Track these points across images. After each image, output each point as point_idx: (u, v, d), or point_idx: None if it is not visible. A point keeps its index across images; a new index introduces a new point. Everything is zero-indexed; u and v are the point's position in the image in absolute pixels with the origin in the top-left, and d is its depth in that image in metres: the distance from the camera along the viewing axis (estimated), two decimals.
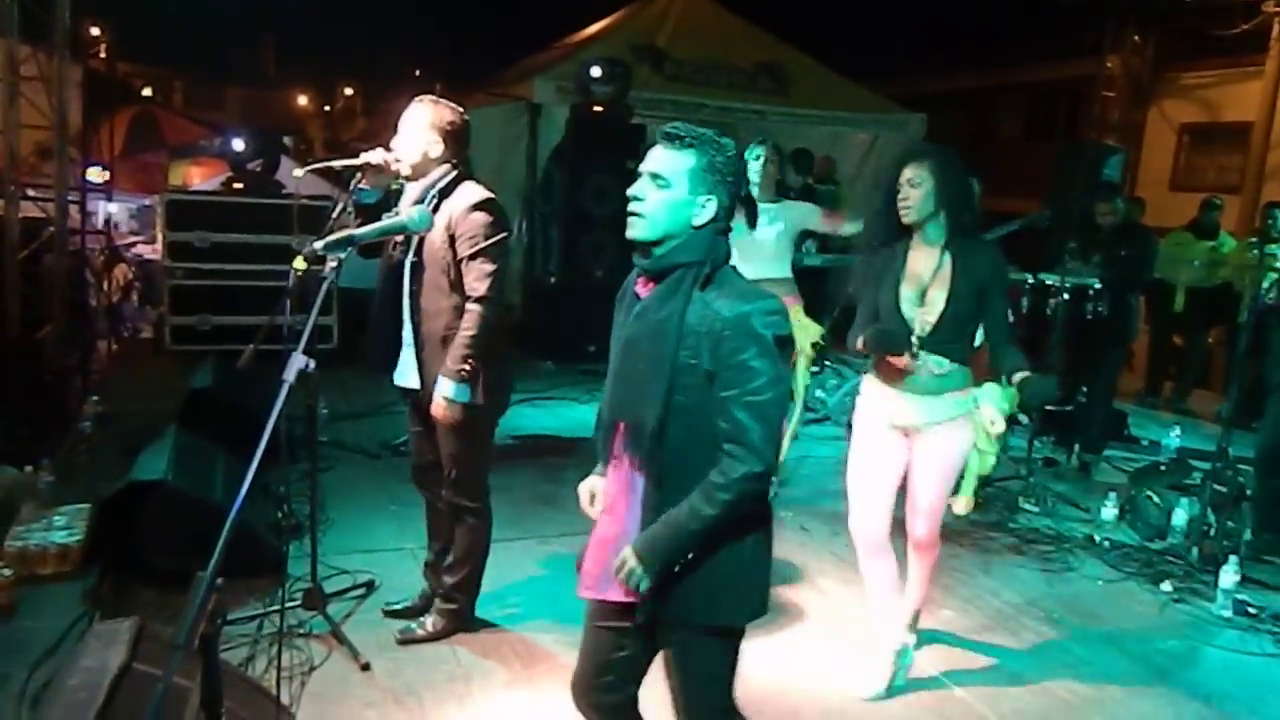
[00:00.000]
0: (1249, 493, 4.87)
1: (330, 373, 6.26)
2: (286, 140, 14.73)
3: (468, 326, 3.08)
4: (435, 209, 3.08)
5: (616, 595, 2.07)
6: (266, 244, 6.80)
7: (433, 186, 3.15)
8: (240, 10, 22.21)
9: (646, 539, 1.99)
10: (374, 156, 3.36)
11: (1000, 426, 3.13)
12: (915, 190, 3.05)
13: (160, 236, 7.17)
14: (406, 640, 3.45)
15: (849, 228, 4.95)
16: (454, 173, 3.17)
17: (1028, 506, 5.31)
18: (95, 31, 8.66)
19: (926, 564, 3.44)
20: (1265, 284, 5.01)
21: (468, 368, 3.08)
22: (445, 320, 3.17)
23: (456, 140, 3.18)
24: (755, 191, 4.57)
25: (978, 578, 4.41)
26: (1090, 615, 4.13)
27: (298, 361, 1.81)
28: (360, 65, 27.98)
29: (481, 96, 10.41)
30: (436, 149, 3.14)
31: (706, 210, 2.02)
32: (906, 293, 3.12)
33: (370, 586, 3.84)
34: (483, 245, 3.08)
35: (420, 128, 3.13)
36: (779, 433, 1.98)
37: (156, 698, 1.51)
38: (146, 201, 10.60)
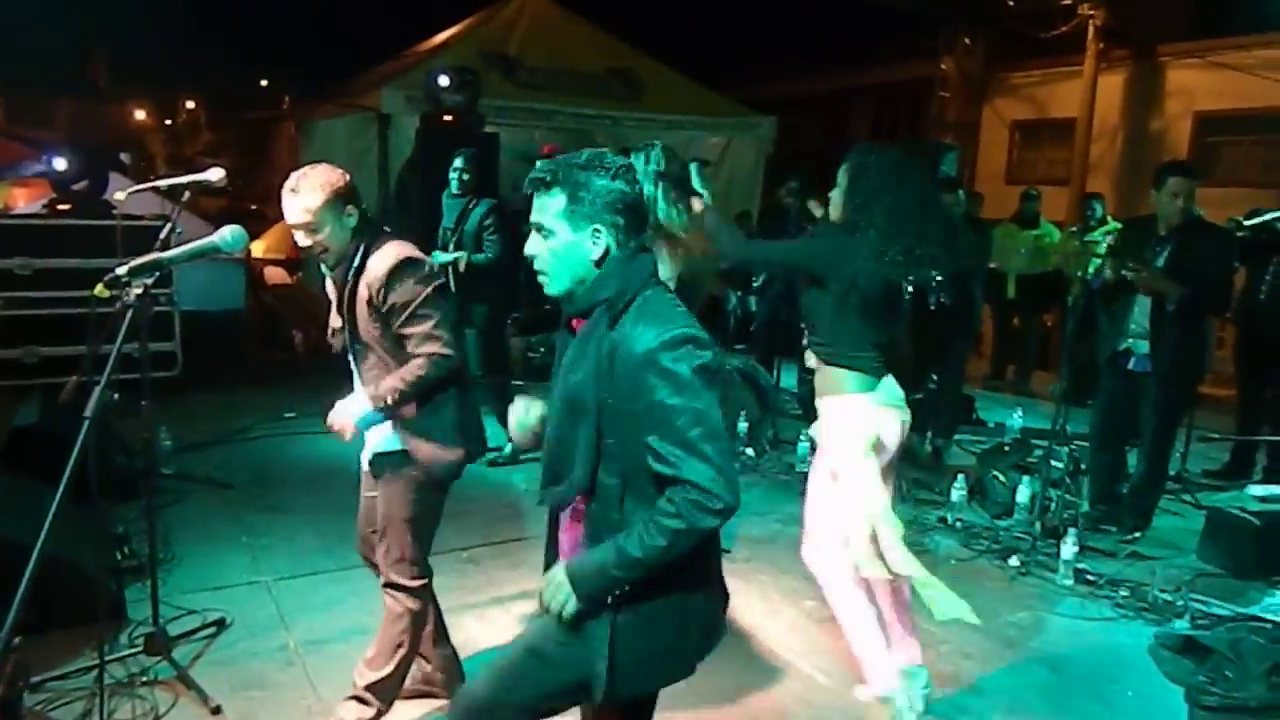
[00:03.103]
0: (1084, 467, 5.17)
1: (174, 400, 5.99)
2: (124, 157, 13.97)
3: (411, 370, 2.78)
4: (357, 284, 2.79)
5: None
6: (95, 268, 6.35)
7: (351, 263, 2.78)
8: (69, 20, 20.93)
9: (583, 560, 1.91)
10: (211, 175, 3.24)
11: None
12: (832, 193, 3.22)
13: None
14: None
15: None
16: (362, 241, 2.80)
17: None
18: None
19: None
20: (1090, 269, 5.32)
21: (389, 401, 2.78)
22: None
23: (357, 199, 2.81)
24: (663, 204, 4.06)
25: None
26: None
27: (100, 395, 1.68)
28: (202, 77, 26.77)
29: (328, 108, 10.14)
30: (351, 218, 2.77)
31: (599, 243, 1.91)
32: None
33: (221, 625, 3.65)
34: (412, 309, 2.75)
35: (327, 209, 2.71)
36: (728, 464, 1.83)
37: None
38: None
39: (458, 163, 5.87)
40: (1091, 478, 5.14)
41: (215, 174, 3.33)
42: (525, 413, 2.21)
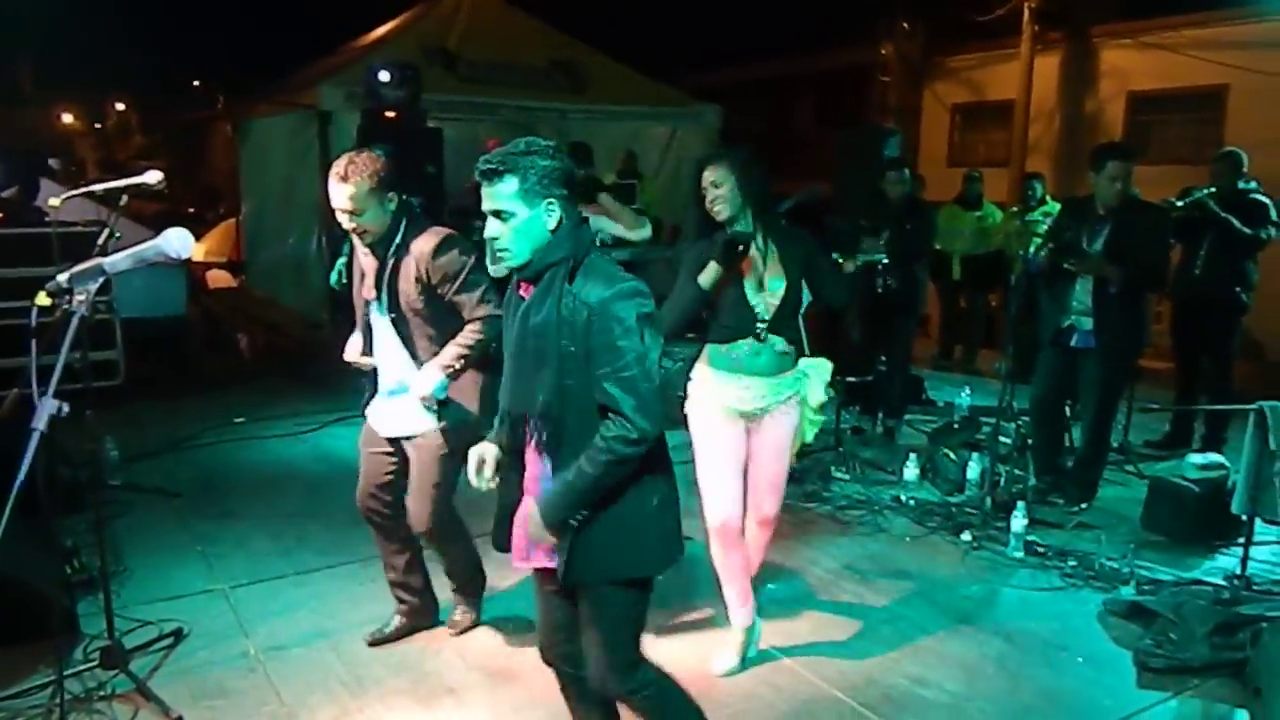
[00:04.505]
0: (1030, 442, 5.29)
1: (119, 410, 5.87)
2: (53, 162, 13.62)
3: (470, 334, 3.14)
4: (399, 262, 3.12)
5: (540, 561, 2.33)
6: (26, 278, 6.19)
7: (392, 241, 3.12)
8: None
9: (543, 496, 2.26)
10: (150, 178, 3.21)
11: (822, 398, 3.48)
12: (719, 190, 3.27)
13: None
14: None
15: (636, 234, 5.17)
16: (403, 221, 3.13)
17: (840, 475, 5.57)
18: None
19: (768, 537, 3.65)
20: (1031, 249, 5.44)
21: (457, 367, 3.13)
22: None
23: (396, 185, 3.12)
24: None
25: (798, 549, 4.59)
26: (901, 571, 4.38)
27: (48, 406, 1.64)
28: (132, 78, 26.07)
29: (266, 107, 9.97)
30: (391, 202, 3.10)
31: (553, 214, 2.19)
32: (746, 280, 3.30)
33: (178, 635, 3.58)
34: (463, 278, 3.11)
35: (371, 195, 3.03)
36: (654, 401, 2.18)
37: None
38: None
39: None
40: (1035, 451, 5.26)
41: (153, 177, 3.27)
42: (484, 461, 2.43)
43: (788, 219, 3.68)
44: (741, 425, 3.38)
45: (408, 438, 3.31)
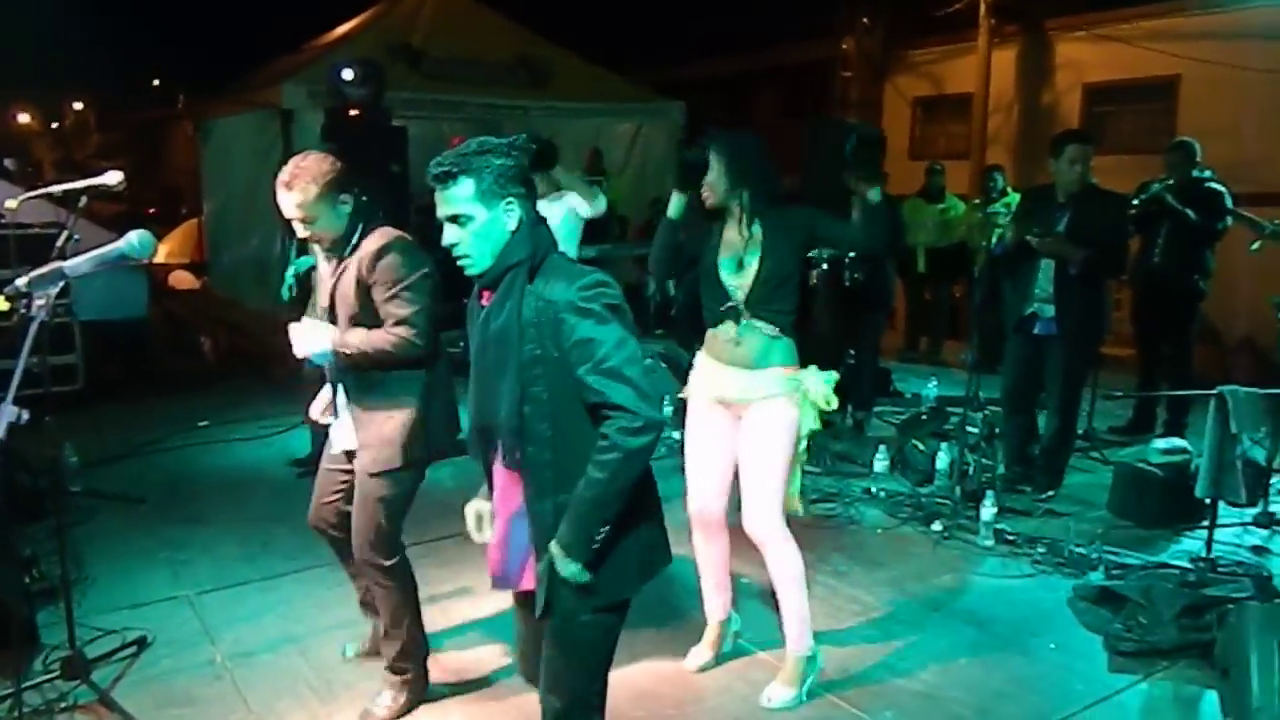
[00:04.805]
0: (998, 431, 5.33)
1: (79, 415, 5.76)
2: (9, 163, 13.39)
3: (379, 339, 2.86)
4: (348, 265, 2.91)
5: (525, 585, 2.21)
6: None
7: (348, 241, 2.91)
8: None
9: (563, 528, 2.05)
10: (110, 179, 3.13)
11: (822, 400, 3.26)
12: (708, 175, 3.16)
13: None
14: None
15: (593, 207, 5.14)
16: (360, 223, 2.92)
17: (810, 468, 5.57)
18: None
19: (773, 564, 3.26)
20: (993, 240, 5.49)
21: (349, 354, 2.87)
22: (371, 378, 2.96)
23: (349, 185, 2.91)
24: None
25: None
26: (873, 563, 4.40)
27: (7, 414, 1.60)
28: (90, 77, 25.66)
29: (227, 106, 9.85)
30: (346, 205, 2.89)
31: (512, 214, 2.09)
32: (724, 259, 3.20)
33: (142, 643, 3.51)
34: (400, 286, 2.85)
35: (320, 201, 2.82)
36: (647, 384, 2.04)
37: None
38: None
39: None
40: (1005, 440, 5.31)
41: (114, 177, 3.19)
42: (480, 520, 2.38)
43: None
44: (726, 413, 3.28)
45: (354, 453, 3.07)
